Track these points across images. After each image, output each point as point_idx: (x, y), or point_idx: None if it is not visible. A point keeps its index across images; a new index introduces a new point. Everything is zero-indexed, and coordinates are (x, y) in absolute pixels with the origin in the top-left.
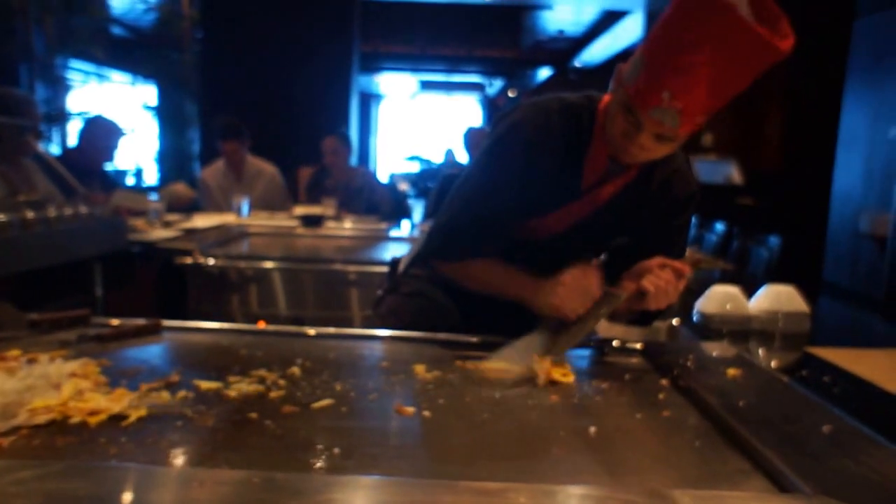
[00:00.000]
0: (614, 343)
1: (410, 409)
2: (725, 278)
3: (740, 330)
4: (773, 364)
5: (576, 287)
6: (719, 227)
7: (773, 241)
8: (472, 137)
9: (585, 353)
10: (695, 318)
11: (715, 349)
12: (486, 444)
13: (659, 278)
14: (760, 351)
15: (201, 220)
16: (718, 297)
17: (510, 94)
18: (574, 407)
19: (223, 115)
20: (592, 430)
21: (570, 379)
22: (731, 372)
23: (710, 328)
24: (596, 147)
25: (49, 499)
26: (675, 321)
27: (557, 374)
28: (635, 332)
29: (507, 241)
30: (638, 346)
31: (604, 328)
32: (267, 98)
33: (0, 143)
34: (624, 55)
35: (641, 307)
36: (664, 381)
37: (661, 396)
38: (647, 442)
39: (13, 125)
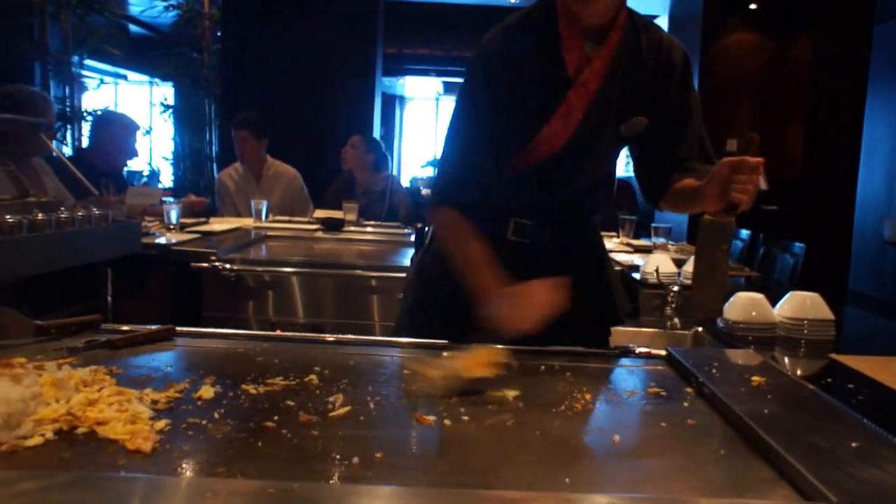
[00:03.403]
0: (638, 351)
1: (431, 418)
2: (751, 285)
3: (765, 337)
4: (798, 371)
5: (525, 303)
6: (744, 233)
7: (798, 247)
8: None
9: (609, 361)
10: (720, 325)
11: (740, 357)
12: (509, 452)
13: (747, 184)
14: (786, 358)
15: (218, 224)
16: (743, 304)
17: None
18: (598, 415)
19: (245, 111)
20: (616, 438)
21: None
22: (756, 380)
23: (734, 335)
24: (566, 33)
25: None
26: (699, 328)
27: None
28: (659, 339)
29: (515, 174)
30: (662, 353)
31: (627, 337)
32: (287, 99)
33: (12, 142)
34: None
35: (731, 216)
36: (689, 389)
37: (685, 404)
38: (672, 450)
39: (26, 123)
